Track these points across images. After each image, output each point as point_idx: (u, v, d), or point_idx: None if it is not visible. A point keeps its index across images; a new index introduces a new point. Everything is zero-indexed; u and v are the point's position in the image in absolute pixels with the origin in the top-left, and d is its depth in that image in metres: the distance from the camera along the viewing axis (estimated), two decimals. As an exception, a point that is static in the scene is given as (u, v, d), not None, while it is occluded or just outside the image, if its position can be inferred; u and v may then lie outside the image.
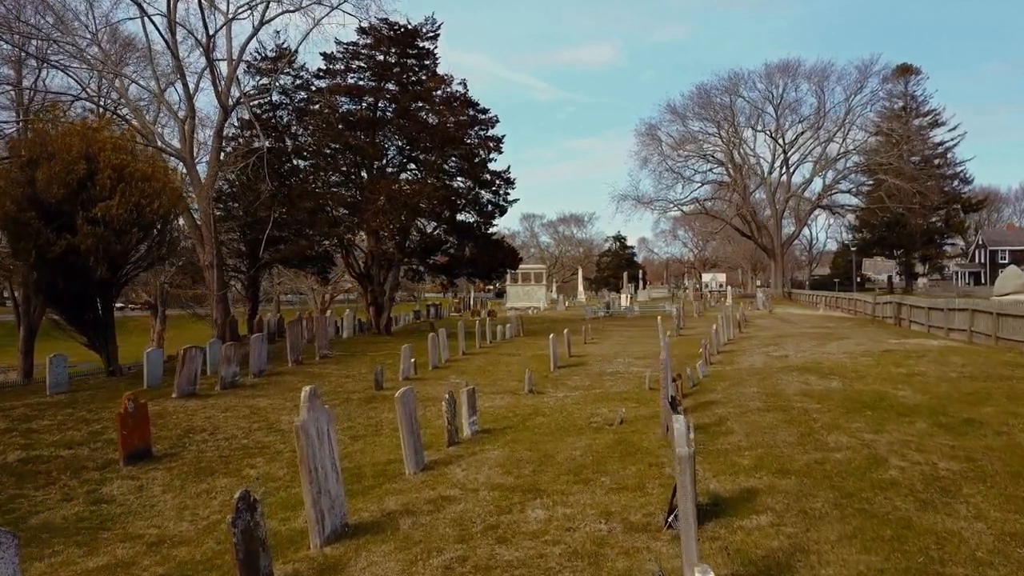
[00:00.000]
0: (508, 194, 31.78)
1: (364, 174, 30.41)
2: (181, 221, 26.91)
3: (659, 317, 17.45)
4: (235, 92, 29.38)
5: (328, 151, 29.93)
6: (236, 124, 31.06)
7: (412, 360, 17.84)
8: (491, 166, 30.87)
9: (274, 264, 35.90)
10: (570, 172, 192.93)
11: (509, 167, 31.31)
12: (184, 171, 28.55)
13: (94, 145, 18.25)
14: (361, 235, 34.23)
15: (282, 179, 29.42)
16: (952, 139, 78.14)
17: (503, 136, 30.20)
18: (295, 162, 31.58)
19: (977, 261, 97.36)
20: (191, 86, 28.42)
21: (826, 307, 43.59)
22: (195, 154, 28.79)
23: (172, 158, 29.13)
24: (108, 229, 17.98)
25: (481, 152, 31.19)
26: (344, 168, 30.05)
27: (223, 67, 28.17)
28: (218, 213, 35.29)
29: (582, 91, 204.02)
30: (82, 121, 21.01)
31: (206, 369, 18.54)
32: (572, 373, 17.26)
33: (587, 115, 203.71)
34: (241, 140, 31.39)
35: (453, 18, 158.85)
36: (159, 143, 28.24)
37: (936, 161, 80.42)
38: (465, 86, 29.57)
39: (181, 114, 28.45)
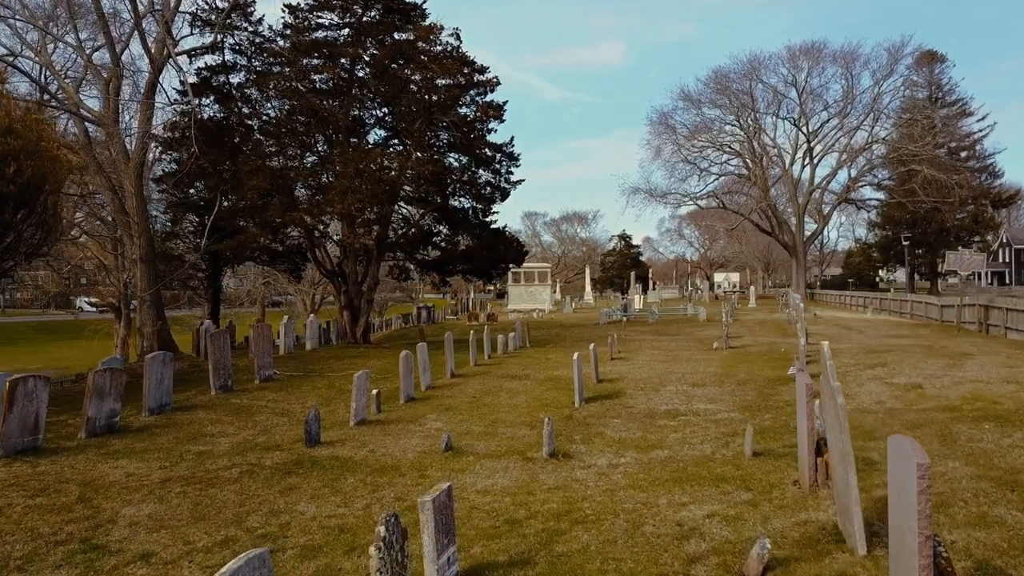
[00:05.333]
0: (511, 173, 26.24)
1: (337, 151, 24.85)
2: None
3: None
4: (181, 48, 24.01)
5: (288, 116, 24.43)
6: (179, 88, 25.59)
7: (375, 391, 12.33)
8: (491, 138, 25.34)
9: (236, 260, 30.45)
10: (575, 173, 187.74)
11: (512, 138, 25.80)
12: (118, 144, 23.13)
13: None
14: (335, 224, 28.79)
15: (233, 154, 23.93)
16: (981, 130, 72.99)
17: (505, 102, 24.67)
18: (256, 136, 26.05)
19: (1001, 260, 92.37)
20: (116, 39, 23.03)
21: (874, 310, 38.07)
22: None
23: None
24: (-58, 203, 12.56)
25: (478, 125, 25.66)
26: (309, 141, 24.48)
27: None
28: (172, 198, 29.92)
29: (588, 91, 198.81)
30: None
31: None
32: (608, 412, 11.77)
33: (593, 116, 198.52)
34: (193, 109, 25.90)
35: (459, 17, 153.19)
36: (76, 108, 22.83)
37: (964, 153, 75.30)
38: (458, 37, 24.03)
39: (106, 73, 23.05)
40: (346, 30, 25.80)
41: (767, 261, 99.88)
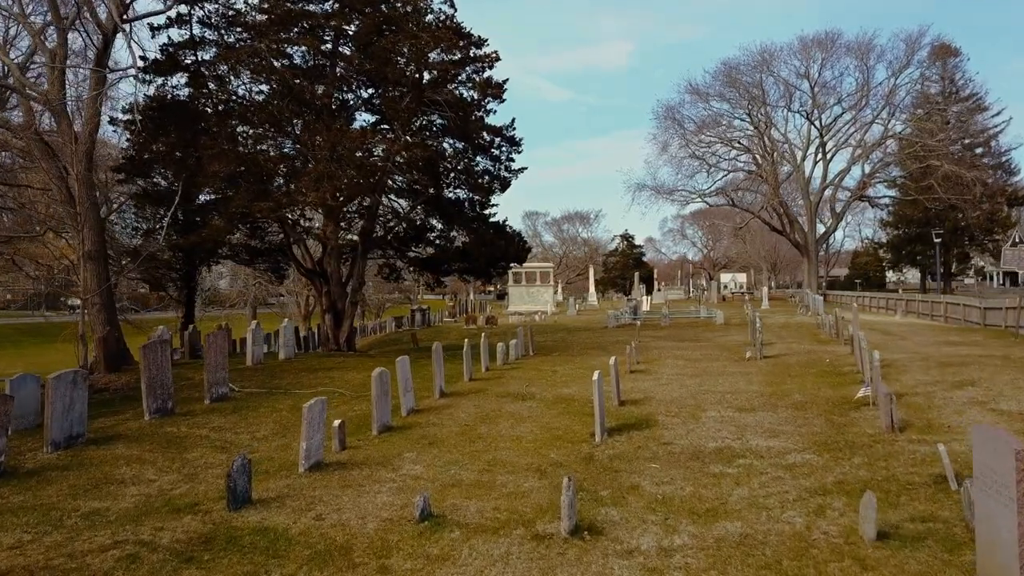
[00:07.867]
0: (512, 160, 23.48)
1: (319, 138, 22.08)
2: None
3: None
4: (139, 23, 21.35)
5: (265, 98, 21.72)
6: (141, 65, 22.84)
7: (338, 422, 9.60)
8: (489, 120, 22.54)
9: (207, 258, 27.69)
10: (577, 172, 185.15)
11: (513, 120, 23.00)
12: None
13: None
14: (320, 219, 26.06)
15: (198, 138, 21.22)
16: (996, 125, 70.41)
17: (506, 80, 21.96)
18: (224, 118, 23.30)
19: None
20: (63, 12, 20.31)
21: (903, 312, 35.35)
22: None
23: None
24: None
25: (475, 107, 22.89)
26: (284, 124, 21.70)
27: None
28: (136, 188, 27.20)
29: (593, 93, 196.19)
30: None
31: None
32: (640, 451, 9.04)
33: (597, 116, 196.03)
34: (163, 88, 23.16)
35: (461, 18, 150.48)
36: (22, 87, 20.14)
37: (979, 149, 72.75)
38: (453, 5, 21.28)
39: (51, 45, 20.35)
40: (329, 2, 23.12)
41: (773, 261, 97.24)
